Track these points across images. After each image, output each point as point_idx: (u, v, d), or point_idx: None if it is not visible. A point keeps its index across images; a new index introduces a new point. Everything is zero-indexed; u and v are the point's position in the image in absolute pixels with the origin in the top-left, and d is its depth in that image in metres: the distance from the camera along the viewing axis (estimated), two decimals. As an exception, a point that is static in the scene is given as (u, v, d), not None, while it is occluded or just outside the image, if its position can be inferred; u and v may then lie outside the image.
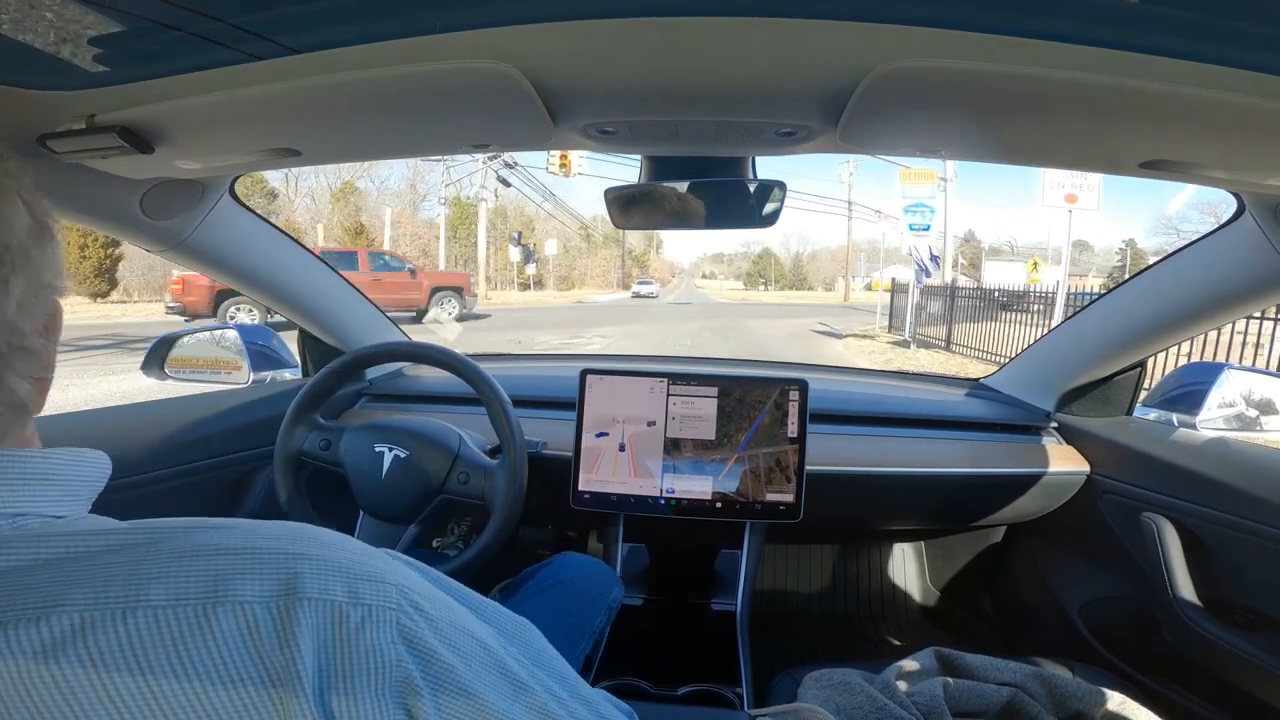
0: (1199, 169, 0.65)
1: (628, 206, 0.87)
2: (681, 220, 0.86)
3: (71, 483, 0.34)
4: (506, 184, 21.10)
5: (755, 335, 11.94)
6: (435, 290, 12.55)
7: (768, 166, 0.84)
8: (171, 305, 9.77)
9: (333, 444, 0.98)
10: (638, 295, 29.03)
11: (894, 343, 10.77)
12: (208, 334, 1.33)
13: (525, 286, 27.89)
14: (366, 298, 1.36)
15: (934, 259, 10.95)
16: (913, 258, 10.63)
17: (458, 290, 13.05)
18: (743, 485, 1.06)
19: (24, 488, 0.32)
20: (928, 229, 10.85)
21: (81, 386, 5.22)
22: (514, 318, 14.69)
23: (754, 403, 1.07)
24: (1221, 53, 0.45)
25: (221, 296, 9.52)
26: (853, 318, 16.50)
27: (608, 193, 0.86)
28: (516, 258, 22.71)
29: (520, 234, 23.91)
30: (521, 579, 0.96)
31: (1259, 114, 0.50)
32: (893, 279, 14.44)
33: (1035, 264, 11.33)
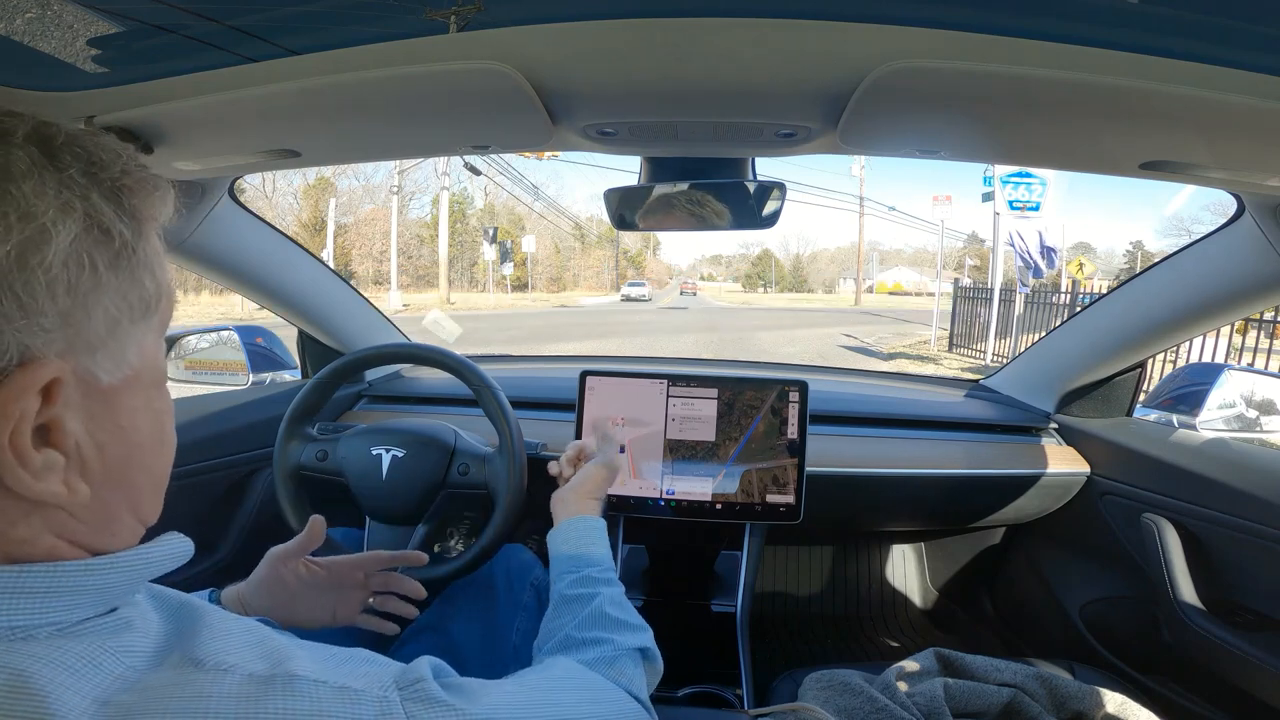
0: (1199, 169, 0.65)
1: (626, 208, 0.87)
2: (681, 222, 0.85)
3: (87, 592, 0.31)
4: (476, 172, 18.04)
5: (769, 354, 9.10)
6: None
7: (768, 166, 0.84)
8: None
9: (329, 454, 0.97)
10: (628, 298, 26.51)
11: (971, 369, 7.37)
12: (207, 335, 1.33)
13: (516, 288, 25.05)
14: (366, 299, 1.36)
15: (1048, 252, 7.68)
16: (1014, 250, 7.70)
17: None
18: (743, 487, 1.05)
19: (25, 600, 0.29)
20: (1036, 209, 7.65)
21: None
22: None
23: (754, 404, 1.07)
24: (1221, 53, 0.45)
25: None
26: (878, 326, 14.29)
27: (607, 194, 0.85)
28: (491, 256, 19.85)
29: (495, 230, 20.16)
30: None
31: (1259, 114, 0.50)
32: (955, 279, 11.32)
33: (1081, 264, 8.15)
